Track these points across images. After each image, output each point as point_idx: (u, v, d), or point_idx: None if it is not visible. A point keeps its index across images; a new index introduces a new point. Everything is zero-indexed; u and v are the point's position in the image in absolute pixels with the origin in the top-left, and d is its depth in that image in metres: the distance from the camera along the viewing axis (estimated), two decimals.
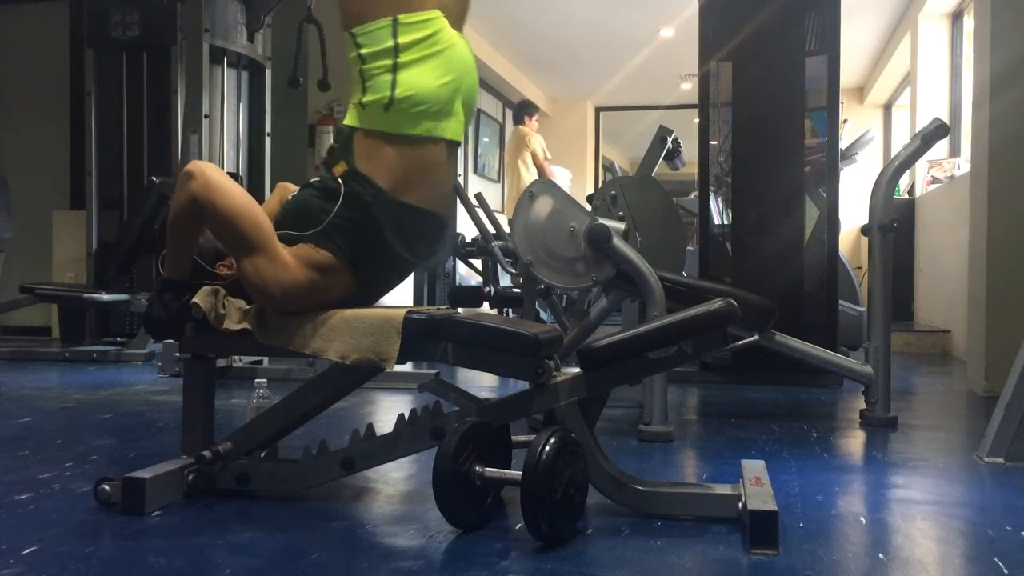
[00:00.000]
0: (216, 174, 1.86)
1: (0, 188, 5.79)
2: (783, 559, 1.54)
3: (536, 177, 7.52)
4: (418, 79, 1.86)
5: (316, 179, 1.97)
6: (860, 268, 6.42)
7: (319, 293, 1.89)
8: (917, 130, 3.13)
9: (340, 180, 1.89)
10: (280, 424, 2.01)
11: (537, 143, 7.70)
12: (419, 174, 1.92)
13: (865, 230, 3.09)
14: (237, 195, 1.85)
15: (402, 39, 1.85)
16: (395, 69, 1.85)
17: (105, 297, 4.76)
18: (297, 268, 1.85)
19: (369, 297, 2.04)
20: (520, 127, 7.82)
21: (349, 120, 1.92)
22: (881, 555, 1.61)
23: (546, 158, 7.76)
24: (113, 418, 3.06)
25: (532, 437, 1.69)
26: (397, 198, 1.89)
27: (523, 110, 7.89)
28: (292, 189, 2.21)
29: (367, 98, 1.87)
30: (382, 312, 1.86)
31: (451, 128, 1.96)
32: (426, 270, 1.87)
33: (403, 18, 1.85)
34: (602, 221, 2.53)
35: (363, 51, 1.87)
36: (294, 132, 5.88)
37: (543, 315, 4.23)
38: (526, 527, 1.59)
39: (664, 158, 4.36)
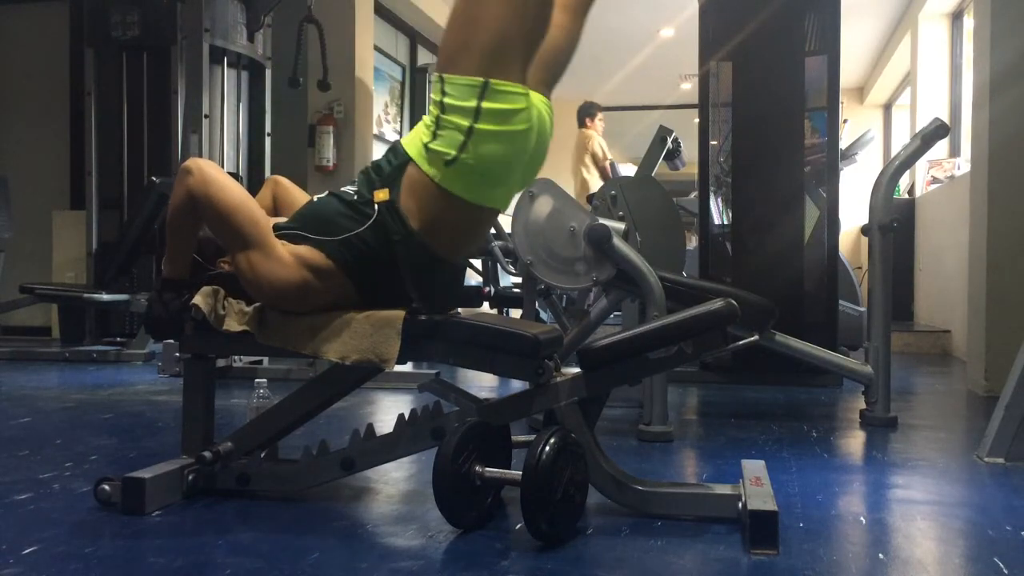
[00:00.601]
0: (213, 170, 1.85)
1: (0, 188, 5.79)
2: (783, 559, 1.54)
3: (598, 179, 7.19)
4: (488, 152, 1.77)
5: (349, 189, 1.90)
6: (860, 268, 6.42)
7: (312, 294, 1.86)
8: (917, 130, 3.13)
9: (376, 207, 1.83)
10: (280, 424, 2.01)
11: (597, 144, 7.42)
12: (455, 231, 1.88)
13: (865, 230, 3.09)
14: (233, 190, 1.85)
15: (486, 104, 1.74)
16: (469, 133, 1.75)
17: (105, 297, 4.76)
18: (293, 266, 1.84)
19: (366, 308, 2.02)
20: (583, 130, 7.53)
21: (410, 147, 1.83)
22: (881, 555, 1.61)
23: (606, 158, 7.44)
24: (113, 418, 3.06)
25: (532, 437, 1.69)
26: (423, 242, 1.84)
27: (585, 112, 7.59)
28: (285, 183, 2.20)
29: (434, 144, 1.78)
30: (382, 313, 1.85)
31: (503, 199, 1.93)
32: (427, 307, 1.84)
33: (495, 84, 1.74)
34: (602, 221, 2.53)
35: (446, 100, 1.76)
36: (294, 132, 5.88)
37: (543, 315, 4.23)
38: (526, 527, 1.59)
39: (664, 158, 4.36)
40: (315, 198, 1.99)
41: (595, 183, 7.18)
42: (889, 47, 8.50)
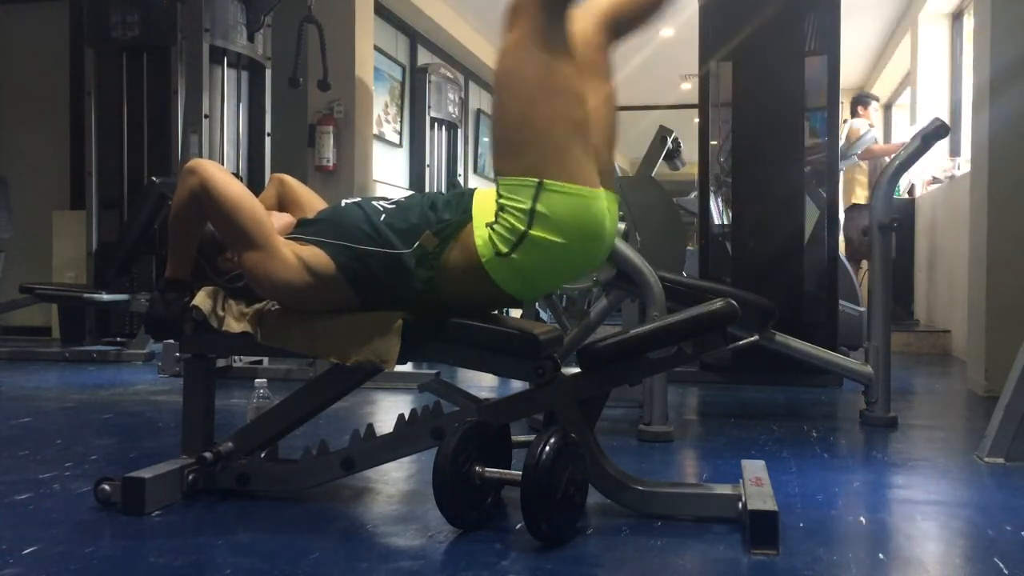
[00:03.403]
0: (216, 170, 1.85)
1: (0, 188, 5.79)
2: (783, 559, 1.54)
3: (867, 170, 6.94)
4: (538, 262, 1.72)
5: (383, 205, 1.87)
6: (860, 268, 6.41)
7: (313, 296, 1.85)
8: (917, 130, 3.13)
9: (414, 248, 1.78)
10: (280, 424, 2.01)
11: (869, 137, 6.82)
12: (476, 302, 1.85)
13: (865, 230, 3.08)
14: (236, 190, 1.84)
15: (542, 206, 1.67)
16: (523, 238, 1.69)
17: (105, 297, 4.75)
18: (296, 268, 1.83)
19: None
20: (851, 120, 7.04)
21: (476, 212, 1.76)
22: (881, 555, 1.61)
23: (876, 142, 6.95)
24: (113, 418, 3.06)
25: (532, 437, 1.69)
26: (441, 297, 1.82)
27: (856, 102, 7.12)
28: (290, 181, 2.20)
29: (494, 231, 1.72)
30: (382, 313, 1.85)
31: (533, 294, 1.94)
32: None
33: (550, 184, 1.66)
34: None
35: (502, 201, 1.71)
36: (294, 132, 5.87)
37: (543, 315, 4.23)
38: (526, 527, 1.59)
39: (664, 158, 4.36)
40: (344, 202, 1.96)
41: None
42: (889, 47, 8.51)
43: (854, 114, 7.06)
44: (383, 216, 1.84)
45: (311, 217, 1.98)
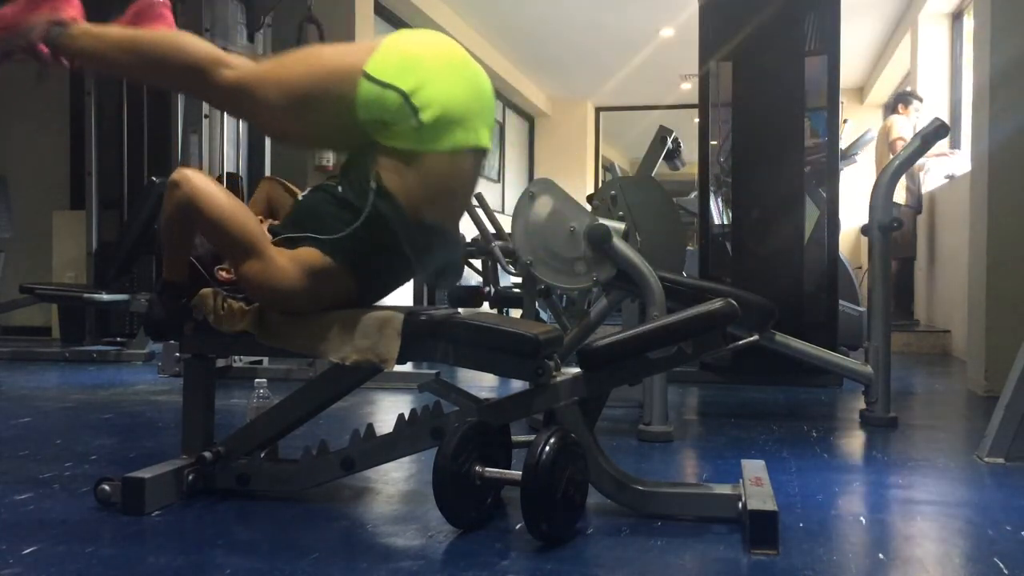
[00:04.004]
0: (201, 182, 1.82)
1: (0, 188, 5.79)
2: (783, 559, 1.54)
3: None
4: (432, 92, 1.77)
5: (331, 183, 1.90)
6: (860, 268, 6.42)
7: (317, 296, 1.86)
8: (917, 130, 3.14)
9: (368, 194, 1.80)
10: (280, 424, 2.01)
11: (900, 131, 6.44)
12: (445, 191, 1.86)
13: (865, 230, 3.09)
14: (224, 202, 1.82)
15: (389, 80, 1.77)
16: (407, 98, 1.75)
17: (105, 297, 4.75)
18: (294, 273, 1.83)
19: (367, 300, 2.03)
20: (889, 117, 6.84)
21: (380, 135, 1.82)
22: (881, 555, 1.61)
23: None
24: (113, 418, 3.06)
25: (532, 437, 1.69)
26: (417, 217, 1.83)
27: (897, 99, 6.85)
28: (279, 183, 2.20)
29: (390, 119, 1.78)
30: (382, 313, 1.86)
31: (482, 136, 1.89)
32: (437, 287, 1.83)
33: (374, 72, 1.77)
34: (602, 221, 2.53)
35: (385, 119, 1.78)
36: None
37: (543, 315, 4.23)
38: (526, 527, 1.59)
39: (664, 158, 4.36)
40: (301, 196, 1.99)
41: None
42: (889, 47, 8.50)
43: (894, 110, 6.79)
44: (339, 188, 1.87)
45: (282, 223, 1.96)
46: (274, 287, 1.82)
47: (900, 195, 6.31)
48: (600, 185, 9.12)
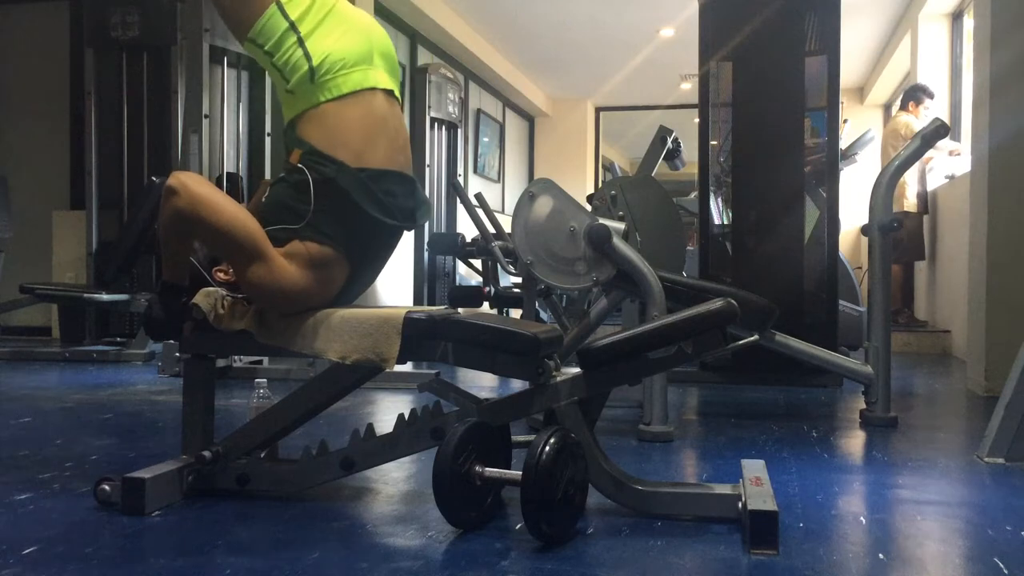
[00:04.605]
0: (200, 187, 1.83)
1: (0, 188, 5.79)
2: (783, 559, 1.54)
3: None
4: (325, 41, 1.90)
5: (283, 173, 1.95)
6: (860, 268, 6.42)
7: (322, 288, 1.89)
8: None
9: (302, 166, 1.87)
10: (280, 424, 2.01)
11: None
12: (369, 134, 1.92)
13: (865, 230, 3.09)
14: (224, 207, 1.82)
15: (292, 15, 1.90)
16: (302, 43, 1.88)
17: (105, 297, 4.75)
18: (296, 269, 1.85)
19: (365, 277, 2.04)
20: (898, 114, 6.55)
21: (287, 113, 1.95)
22: (881, 555, 1.61)
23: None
24: (113, 418, 3.06)
25: (532, 437, 1.69)
26: (358, 166, 1.89)
27: (909, 95, 6.53)
28: None
29: (291, 83, 1.90)
30: (382, 312, 1.86)
31: (380, 77, 1.98)
32: (410, 229, 1.84)
33: (283, 1, 1.90)
34: (602, 221, 2.53)
35: (268, 47, 1.90)
36: None
37: (543, 315, 4.23)
38: (526, 527, 1.59)
39: (664, 158, 4.36)
40: (268, 190, 2.00)
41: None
42: (889, 47, 8.50)
43: (904, 107, 6.50)
44: (292, 174, 1.91)
45: (262, 221, 1.96)
46: (283, 288, 1.84)
47: (909, 200, 6.30)
48: (600, 185, 9.13)
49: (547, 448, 1.59)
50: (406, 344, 1.81)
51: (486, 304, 4.87)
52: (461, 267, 7.17)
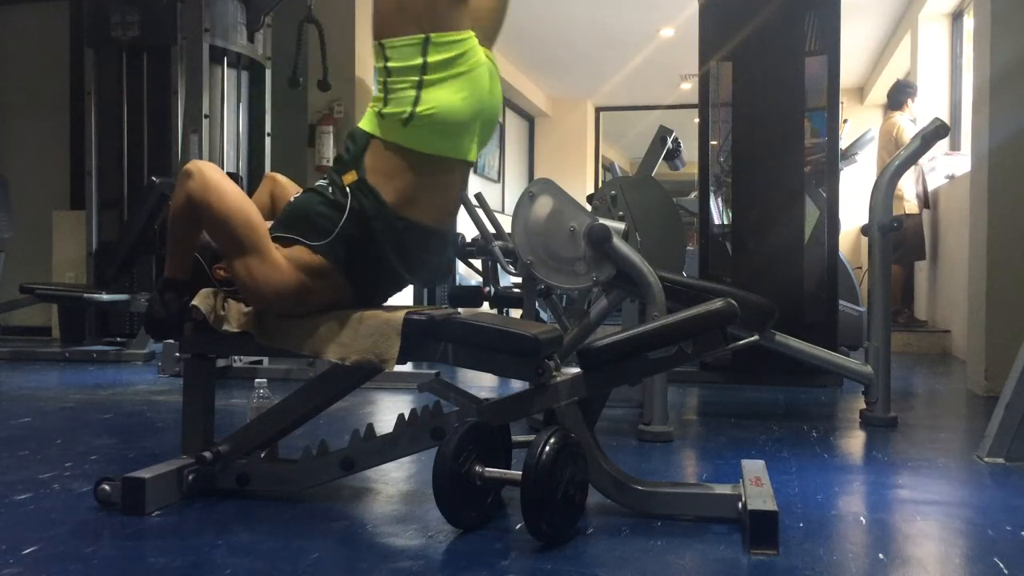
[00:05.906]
0: (214, 173, 1.84)
1: (0, 188, 5.79)
2: (783, 559, 1.54)
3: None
4: (441, 98, 1.80)
5: (322, 182, 1.92)
6: (860, 268, 6.42)
7: (309, 296, 1.87)
8: (917, 130, 3.14)
9: (348, 191, 1.84)
10: (280, 424, 2.01)
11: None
12: (428, 192, 1.88)
13: (865, 230, 3.09)
14: (232, 195, 1.84)
15: (431, 58, 1.79)
16: (420, 86, 1.79)
17: (105, 297, 4.76)
18: (289, 270, 1.84)
19: (359, 304, 2.02)
20: (891, 115, 6.41)
21: (366, 126, 1.87)
22: (881, 555, 1.61)
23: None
24: (113, 418, 3.06)
25: (532, 437, 1.69)
26: (400, 214, 1.85)
27: (898, 94, 6.41)
28: (282, 180, 2.20)
29: (388, 109, 1.82)
30: (382, 313, 1.86)
31: (468, 149, 1.92)
32: (423, 285, 1.83)
33: (435, 37, 1.79)
34: (602, 221, 2.53)
35: (390, 64, 1.81)
36: (294, 132, 5.87)
37: (543, 315, 4.23)
38: (526, 527, 1.59)
39: (664, 158, 4.36)
40: (293, 197, 2.00)
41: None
42: (889, 47, 8.50)
43: (897, 107, 6.38)
44: (329, 190, 1.89)
45: (275, 222, 1.97)
46: (271, 285, 1.83)
47: (907, 201, 6.29)
48: (600, 185, 9.12)
49: (547, 448, 1.59)
50: (406, 344, 1.81)
51: (486, 304, 4.87)
52: (461, 267, 7.17)
